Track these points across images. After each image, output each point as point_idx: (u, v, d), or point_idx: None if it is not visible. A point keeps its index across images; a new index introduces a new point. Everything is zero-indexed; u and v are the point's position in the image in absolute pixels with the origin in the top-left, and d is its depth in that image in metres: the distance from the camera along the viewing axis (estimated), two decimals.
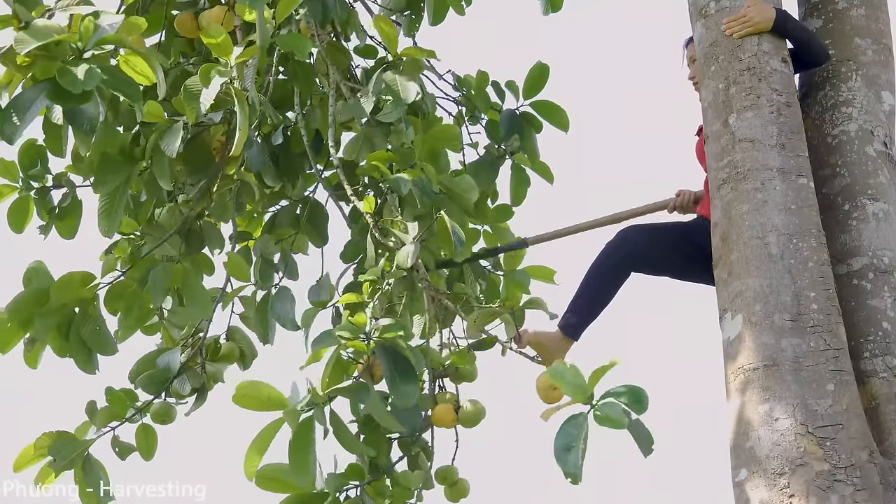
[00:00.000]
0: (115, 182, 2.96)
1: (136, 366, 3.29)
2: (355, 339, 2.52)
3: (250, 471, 2.36)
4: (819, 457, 2.48)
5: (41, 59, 2.28)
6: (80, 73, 2.18)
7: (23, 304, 2.91)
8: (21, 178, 3.16)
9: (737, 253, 2.78)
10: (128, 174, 2.97)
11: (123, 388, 3.17)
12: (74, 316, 2.99)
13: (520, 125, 3.49)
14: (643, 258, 3.13)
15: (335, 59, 3.25)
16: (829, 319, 2.65)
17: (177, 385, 3.25)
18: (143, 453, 3.18)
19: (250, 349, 3.47)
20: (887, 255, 2.89)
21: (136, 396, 3.19)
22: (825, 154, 3.07)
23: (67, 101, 2.29)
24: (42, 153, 3.18)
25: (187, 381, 3.25)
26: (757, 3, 2.98)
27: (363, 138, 3.11)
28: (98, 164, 2.96)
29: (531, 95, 3.48)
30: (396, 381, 2.50)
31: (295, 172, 3.47)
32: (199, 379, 3.28)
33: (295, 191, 3.56)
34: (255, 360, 3.49)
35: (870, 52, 3.18)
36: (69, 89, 2.18)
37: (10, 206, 3.19)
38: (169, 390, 3.24)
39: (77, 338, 2.98)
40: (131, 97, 2.34)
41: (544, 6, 3.85)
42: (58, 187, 3.20)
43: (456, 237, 2.82)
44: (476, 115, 3.58)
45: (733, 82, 2.96)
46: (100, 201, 2.99)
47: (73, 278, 2.95)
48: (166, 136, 2.80)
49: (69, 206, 3.19)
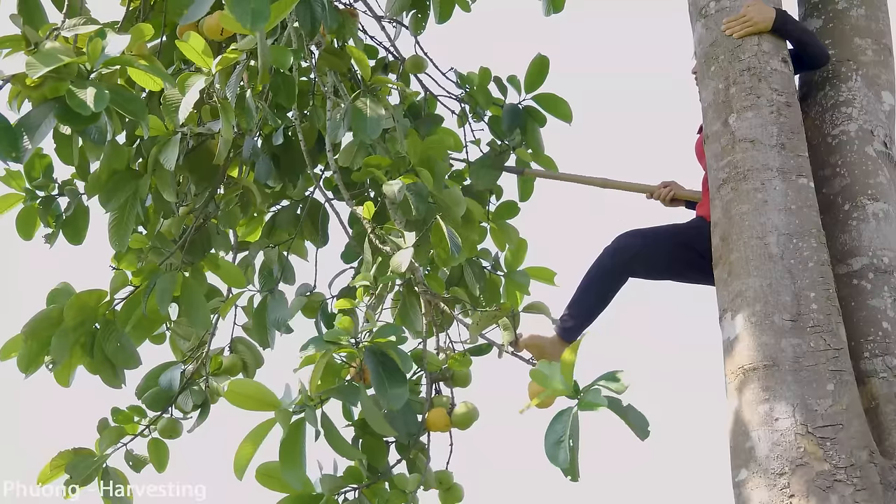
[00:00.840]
0: (123, 196, 2.98)
1: (143, 382, 3.33)
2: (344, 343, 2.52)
3: (239, 466, 2.37)
4: (819, 457, 2.48)
5: (50, 80, 2.31)
6: (88, 97, 2.21)
7: (40, 325, 2.96)
8: (26, 187, 3.20)
9: (737, 253, 2.78)
10: (135, 188, 2.99)
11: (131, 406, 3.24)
12: (96, 332, 3.04)
13: (522, 119, 3.49)
14: (641, 263, 3.12)
15: (333, 65, 3.24)
16: (829, 319, 2.65)
17: (181, 401, 3.29)
18: (157, 465, 3.28)
19: (255, 359, 3.47)
20: (887, 255, 2.89)
21: (144, 412, 3.26)
22: (825, 154, 3.07)
23: (77, 123, 2.33)
24: (47, 161, 3.21)
25: (190, 398, 3.29)
26: (757, 3, 2.98)
27: (358, 144, 3.12)
28: (106, 179, 2.98)
29: (533, 89, 3.47)
30: (384, 384, 2.50)
31: (296, 172, 3.47)
32: (201, 395, 3.31)
33: (296, 191, 3.56)
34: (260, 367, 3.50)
35: (870, 52, 3.18)
36: (78, 111, 2.21)
37: (18, 214, 3.24)
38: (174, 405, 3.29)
39: (101, 354, 3.04)
40: (137, 115, 2.36)
41: (546, 7, 3.85)
42: (63, 195, 3.23)
43: (453, 243, 2.83)
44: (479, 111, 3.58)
45: (733, 82, 2.96)
46: (109, 216, 3.01)
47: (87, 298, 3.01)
48: (165, 150, 2.83)
49: (75, 213, 3.22)
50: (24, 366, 2.98)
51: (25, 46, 2.40)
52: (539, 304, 3.06)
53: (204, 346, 3.37)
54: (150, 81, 2.48)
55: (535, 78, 3.46)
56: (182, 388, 3.27)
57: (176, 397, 3.26)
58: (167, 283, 2.99)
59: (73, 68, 2.29)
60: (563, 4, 3.84)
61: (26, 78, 2.26)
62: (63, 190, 3.26)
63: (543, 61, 3.43)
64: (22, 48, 2.39)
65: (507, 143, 3.47)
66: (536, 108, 3.50)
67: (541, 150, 3.54)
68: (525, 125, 3.50)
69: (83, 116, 2.22)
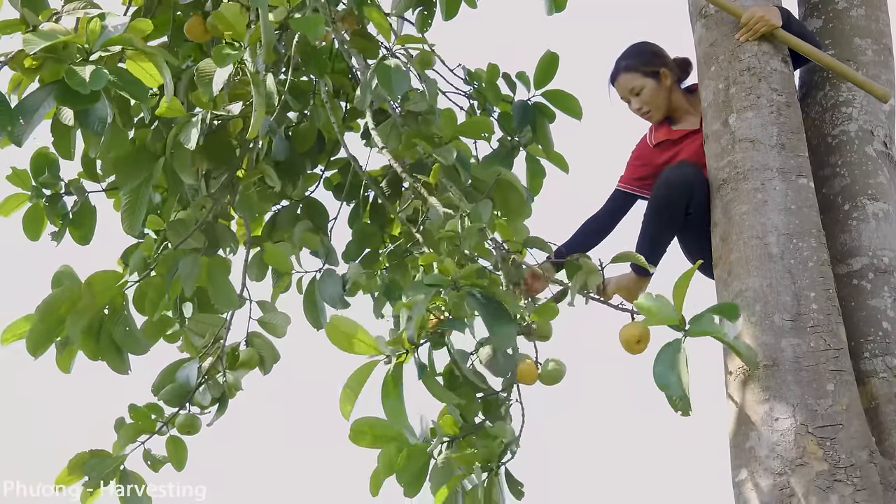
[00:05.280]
0: (137, 180, 2.94)
1: (159, 379, 3.29)
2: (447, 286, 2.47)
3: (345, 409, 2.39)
4: (819, 457, 2.48)
5: (49, 62, 2.28)
6: (87, 75, 2.18)
7: (53, 305, 2.89)
8: (33, 185, 3.17)
9: (737, 253, 2.78)
10: (149, 171, 2.95)
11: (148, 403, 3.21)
12: (104, 317, 2.99)
13: (532, 116, 3.47)
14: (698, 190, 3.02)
15: (364, 49, 3.21)
16: (829, 319, 2.65)
17: (198, 396, 3.26)
18: (175, 464, 3.21)
19: (271, 353, 3.45)
20: (887, 255, 2.89)
21: (161, 409, 3.22)
22: (825, 154, 3.07)
23: (76, 103, 2.29)
24: (53, 160, 3.19)
25: (208, 392, 3.27)
26: (757, 4, 2.99)
27: (391, 126, 3.10)
28: (118, 163, 2.94)
29: (542, 85, 3.46)
30: (493, 325, 2.44)
31: (296, 172, 3.47)
32: (219, 388, 3.29)
33: (296, 191, 3.56)
34: None
35: (870, 52, 3.18)
36: (77, 90, 2.19)
37: (25, 214, 3.20)
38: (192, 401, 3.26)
39: (108, 339, 2.98)
40: (139, 97, 2.34)
41: (548, 6, 3.85)
42: (69, 194, 3.20)
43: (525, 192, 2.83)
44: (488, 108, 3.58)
45: (733, 82, 2.96)
46: (122, 200, 2.98)
47: (104, 277, 2.92)
48: (185, 130, 2.79)
49: (82, 212, 3.19)
50: (32, 347, 2.91)
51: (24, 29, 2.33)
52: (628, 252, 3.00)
53: (219, 341, 3.36)
54: (146, 76, 2.44)
55: (545, 74, 3.45)
56: (199, 383, 3.25)
57: (193, 392, 3.24)
58: (190, 265, 2.94)
59: (72, 50, 2.25)
60: (564, 3, 3.83)
61: (25, 59, 2.22)
62: (70, 188, 3.23)
63: (553, 57, 3.42)
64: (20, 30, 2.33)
65: (518, 140, 3.47)
66: (546, 104, 3.50)
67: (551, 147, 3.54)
68: (535, 121, 3.49)
69: (82, 96, 2.19)
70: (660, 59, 3.36)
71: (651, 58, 3.36)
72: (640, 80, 3.33)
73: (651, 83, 3.32)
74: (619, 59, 3.40)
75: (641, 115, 3.37)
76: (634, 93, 3.34)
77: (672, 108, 3.35)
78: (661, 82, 3.32)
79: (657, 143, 3.33)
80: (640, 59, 3.36)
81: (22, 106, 2.23)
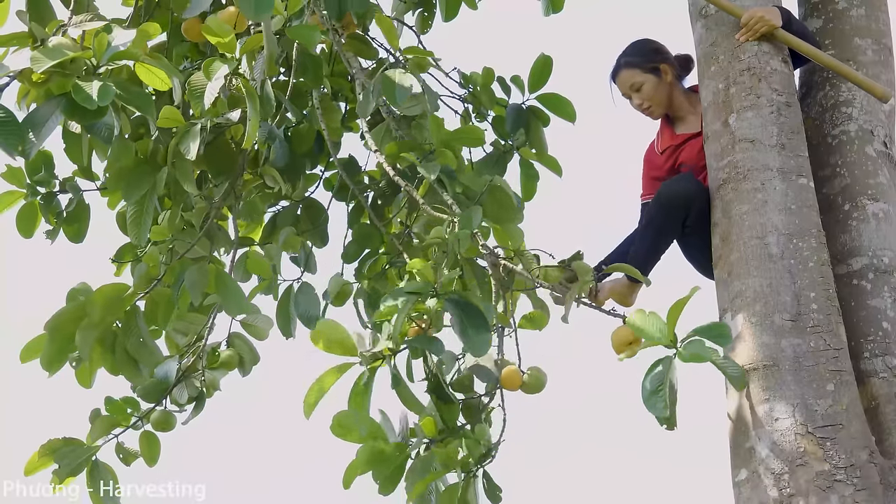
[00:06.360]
0: (142, 190, 2.95)
1: None
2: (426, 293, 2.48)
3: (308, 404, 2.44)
4: (819, 457, 2.48)
5: (56, 76, 2.30)
6: (94, 90, 2.20)
7: (63, 321, 2.92)
8: (27, 183, 3.18)
9: (737, 253, 2.78)
10: (153, 181, 2.97)
11: (124, 397, 3.20)
12: (116, 330, 3.00)
13: (525, 119, 3.48)
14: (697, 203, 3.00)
15: (360, 52, 3.21)
16: (829, 319, 2.66)
17: (176, 394, 3.26)
18: (148, 459, 3.21)
19: (251, 355, 3.46)
20: (887, 255, 2.89)
21: (138, 404, 3.21)
22: (825, 154, 3.07)
23: (83, 118, 2.32)
24: (48, 158, 3.19)
25: (185, 390, 3.27)
26: (760, 4, 2.99)
27: (385, 129, 3.10)
28: (123, 174, 2.96)
29: (536, 89, 3.46)
30: (469, 332, 2.44)
31: (296, 173, 3.47)
32: (196, 388, 3.29)
33: (295, 192, 3.56)
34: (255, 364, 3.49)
35: (870, 52, 3.18)
36: (84, 106, 2.20)
37: (19, 212, 3.20)
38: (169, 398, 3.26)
39: (123, 352, 3.00)
40: (144, 109, 2.35)
41: (545, 7, 3.85)
42: (64, 192, 3.21)
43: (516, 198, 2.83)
44: (482, 111, 3.57)
45: (733, 82, 2.96)
46: (128, 211, 3.00)
47: (108, 291, 2.95)
48: (184, 140, 2.80)
49: (76, 211, 3.19)
50: (47, 364, 2.93)
51: (32, 43, 2.37)
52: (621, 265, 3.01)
53: (200, 340, 3.36)
54: (156, 80, 2.46)
55: (539, 77, 3.45)
56: (177, 381, 3.25)
57: (171, 389, 3.24)
58: (196, 275, 2.96)
59: (79, 64, 2.27)
60: (562, 4, 3.83)
61: (32, 73, 2.24)
62: (64, 186, 3.24)
63: (547, 61, 3.42)
64: (28, 45, 2.36)
65: (511, 143, 3.47)
66: (540, 107, 3.50)
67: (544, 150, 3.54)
68: (529, 125, 3.49)
69: (89, 111, 2.21)
70: (660, 56, 3.36)
71: (651, 54, 3.36)
72: (640, 76, 3.33)
73: (652, 79, 3.32)
74: (620, 56, 3.40)
75: (643, 111, 3.37)
76: (635, 89, 3.34)
77: (674, 106, 3.35)
78: (661, 78, 3.32)
79: (663, 149, 3.34)
80: (641, 55, 3.36)
81: (30, 119, 2.26)
